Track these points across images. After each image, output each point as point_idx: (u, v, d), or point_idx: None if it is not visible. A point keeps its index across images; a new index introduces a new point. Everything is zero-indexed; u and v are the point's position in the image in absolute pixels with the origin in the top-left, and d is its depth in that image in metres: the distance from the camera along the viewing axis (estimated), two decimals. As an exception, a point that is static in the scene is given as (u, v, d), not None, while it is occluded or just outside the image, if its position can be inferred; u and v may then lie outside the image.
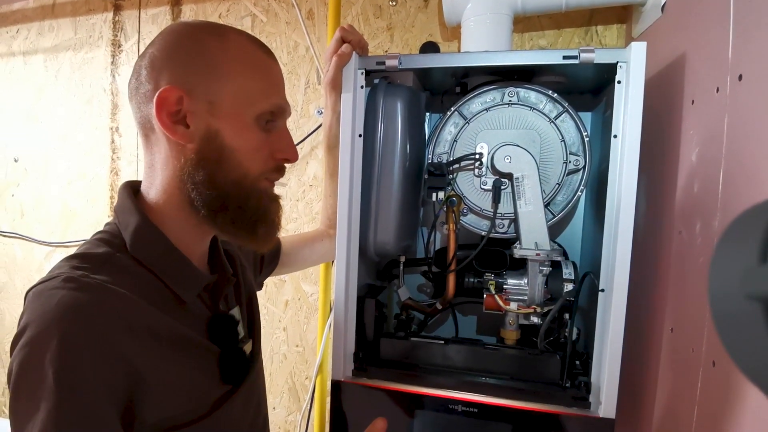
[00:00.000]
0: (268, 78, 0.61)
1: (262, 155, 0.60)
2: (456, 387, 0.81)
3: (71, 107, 1.59)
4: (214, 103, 0.56)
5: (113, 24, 1.51)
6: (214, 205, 0.58)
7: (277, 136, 0.62)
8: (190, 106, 0.56)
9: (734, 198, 0.59)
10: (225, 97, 0.57)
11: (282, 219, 0.66)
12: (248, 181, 0.59)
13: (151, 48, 0.59)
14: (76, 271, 0.51)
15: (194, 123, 0.56)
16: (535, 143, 0.84)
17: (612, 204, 0.75)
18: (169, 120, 0.56)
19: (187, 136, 0.56)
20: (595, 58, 0.75)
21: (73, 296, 0.48)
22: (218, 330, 0.62)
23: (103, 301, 0.49)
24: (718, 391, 0.59)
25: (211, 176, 0.57)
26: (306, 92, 1.32)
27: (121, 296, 0.51)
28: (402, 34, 1.23)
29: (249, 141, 0.59)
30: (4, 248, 1.72)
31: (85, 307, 0.48)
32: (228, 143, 0.57)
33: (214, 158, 0.57)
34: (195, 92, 0.56)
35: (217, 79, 0.57)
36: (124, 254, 0.57)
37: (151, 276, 0.57)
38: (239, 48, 0.59)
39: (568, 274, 0.84)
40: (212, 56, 0.57)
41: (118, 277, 0.53)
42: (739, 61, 0.59)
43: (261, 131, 0.60)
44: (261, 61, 0.61)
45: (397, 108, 0.85)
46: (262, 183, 0.62)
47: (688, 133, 0.72)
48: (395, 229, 0.87)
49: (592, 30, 1.09)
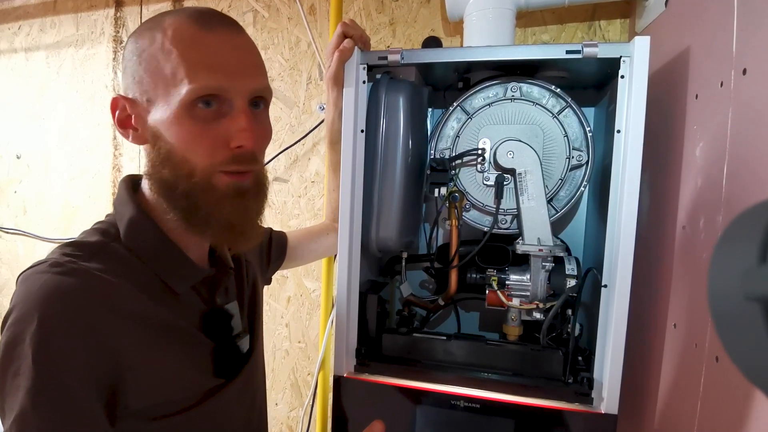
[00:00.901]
0: (196, 57, 0.53)
1: (204, 147, 0.54)
2: (458, 383, 0.81)
3: (73, 104, 1.59)
4: (150, 100, 0.55)
5: (115, 20, 1.51)
6: (178, 206, 0.56)
7: (226, 121, 0.54)
8: (134, 109, 0.56)
9: (738, 193, 0.58)
10: (156, 91, 0.54)
11: (259, 214, 0.61)
12: (198, 176, 0.55)
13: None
14: (65, 257, 0.52)
15: (140, 125, 0.56)
16: (537, 138, 0.84)
17: (615, 199, 0.75)
18: (120, 126, 0.57)
19: (139, 138, 0.57)
20: (598, 52, 0.74)
21: (57, 280, 0.48)
22: (212, 324, 0.61)
23: (87, 285, 0.50)
24: (721, 386, 0.59)
25: (163, 176, 0.56)
26: (308, 88, 1.32)
27: (108, 282, 0.51)
28: (404, 29, 1.23)
29: (182, 133, 0.53)
30: (6, 245, 1.72)
31: (68, 290, 0.48)
32: (167, 140, 0.54)
33: (162, 157, 0.55)
34: (138, 94, 0.56)
35: (149, 73, 0.54)
36: (118, 244, 0.56)
37: (143, 266, 0.56)
38: (172, 32, 0.53)
39: (570, 269, 0.84)
40: (145, 51, 0.55)
41: (109, 266, 0.53)
42: (744, 55, 0.59)
43: (195, 121, 0.53)
44: (191, 39, 0.53)
45: (400, 103, 0.84)
46: (216, 178, 0.55)
47: (692, 128, 0.72)
48: (397, 225, 0.87)
49: (595, 25, 1.09)
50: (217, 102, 0.54)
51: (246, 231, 0.59)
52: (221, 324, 0.63)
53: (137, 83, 0.55)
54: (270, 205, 1.37)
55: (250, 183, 0.59)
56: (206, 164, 0.54)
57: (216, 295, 0.65)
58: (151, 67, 0.54)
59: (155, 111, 0.54)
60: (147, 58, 0.54)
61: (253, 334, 0.72)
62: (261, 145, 0.60)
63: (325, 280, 1.29)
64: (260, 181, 0.61)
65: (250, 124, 0.55)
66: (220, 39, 0.54)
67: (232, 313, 0.66)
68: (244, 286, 0.74)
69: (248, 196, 0.58)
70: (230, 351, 0.64)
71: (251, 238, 0.61)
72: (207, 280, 0.64)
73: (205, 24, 0.54)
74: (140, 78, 0.55)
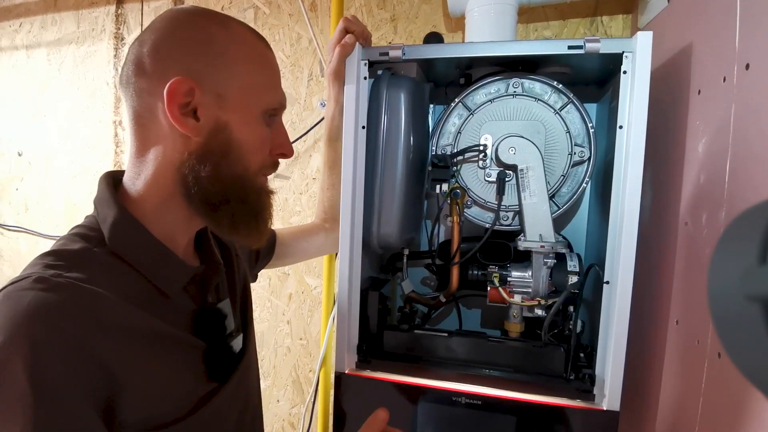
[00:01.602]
0: (272, 72, 0.62)
1: (264, 150, 0.61)
2: (459, 379, 0.81)
3: (74, 101, 1.59)
4: (223, 95, 0.56)
5: (116, 17, 1.51)
6: (215, 200, 0.57)
7: (276, 131, 0.63)
8: (200, 98, 0.54)
9: (741, 189, 0.58)
10: (233, 90, 0.56)
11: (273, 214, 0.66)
12: (249, 175, 0.60)
13: (151, 35, 0.56)
14: (48, 270, 0.49)
15: (204, 116, 0.55)
16: (539, 135, 0.84)
17: (617, 195, 0.74)
18: (179, 112, 0.54)
19: (197, 129, 0.55)
20: (600, 48, 0.74)
21: (43, 297, 0.46)
22: (204, 324, 0.60)
23: (74, 301, 0.47)
24: (723, 383, 0.59)
25: (215, 170, 0.56)
26: (309, 84, 1.32)
27: (95, 295, 0.49)
28: (406, 25, 1.22)
29: (255, 135, 0.59)
30: (8, 242, 1.73)
31: (56, 308, 0.46)
32: (235, 137, 0.57)
33: (219, 152, 0.56)
34: (204, 84, 0.54)
35: (225, 70, 0.56)
36: (101, 249, 0.54)
37: (131, 271, 0.55)
38: (243, 40, 0.58)
39: (572, 266, 0.83)
40: (219, 46, 0.56)
41: (94, 274, 0.51)
42: (746, 50, 0.59)
43: (265, 126, 0.60)
44: (264, 54, 0.61)
45: (401, 99, 0.84)
46: (260, 178, 0.62)
47: (695, 124, 0.72)
48: (399, 222, 0.86)
49: (597, 20, 1.08)
50: (276, 114, 0.62)
51: (268, 228, 0.65)
52: (214, 324, 0.62)
53: (202, 74, 0.55)
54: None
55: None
56: (258, 166, 0.61)
57: (207, 294, 0.63)
58: (227, 66, 0.56)
59: (229, 108, 0.56)
60: (230, 58, 0.56)
61: (246, 333, 0.71)
62: None
63: (326, 276, 1.29)
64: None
65: (288, 136, 0.66)
66: (275, 60, 0.63)
67: (225, 313, 0.64)
68: (236, 283, 0.72)
69: (271, 197, 0.65)
70: (223, 352, 0.62)
71: (267, 234, 0.66)
72: (197, 278, 0.62)
73: (266, 44, 0.62)
74: (206, 70, 0.55)
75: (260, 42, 0.61)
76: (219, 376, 0.61)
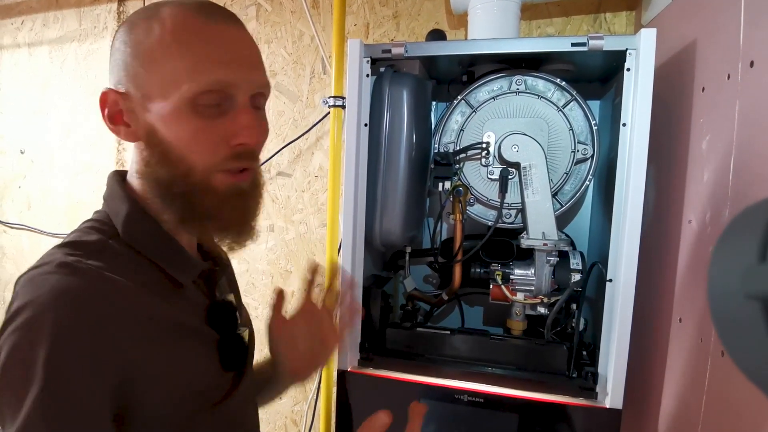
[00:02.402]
0: (200, 51, 0.51)
1: (206, 145, 0.52)
2: (462, 377, 0.81)
3: (76, 99, 1.59)
4: (147, 95, 0.52)
5: (118, 14, 1.51)
6: (170, 205, 0.55)
7: (230, 118, 0.53)
8: (126, 105, 0.53)
9: (745, 186, 0.58)
10: (153, 86, 0.51)
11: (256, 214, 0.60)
12: (196, 176, 0.53)
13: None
14: (70, 257, 0.49)
15: (133, 121, 0.54)
16: (542, 132, 0.83)
17: (620, 193, 0.74)
18: (110, 122, 0.54)
19: (133, 134, 0.54)
20: (604, 45, 0.74)
21: (68, 281, 0.46)
22: (218, 316, 0.60)
23: (97, 287, 0.48)
24: (726, 381, 0.59)
25: (158, 176, 0.54)
26: (311, 82, 1.31)
27: (117, 283, 0.49)
28: (408, 22, 1.22)
29: (183, 131, 0.51)
30: (11, 240, 1.73)
31: (80, 292, 0.46)
32: (164, 137, 0.52)
33: (157, 155, 0.53)
34: (131, 88, 0.53)
35: (146, 67, 0.52)
36: (116, 241, 0.55)
37: (145, 262, 0.55)
38: (173, 23, 0.51)
39: (575, 264, 0.83)
40: (141, 43, 0.52)
41: (112, 264, 0.51)
42: (751, 47, 0.58)
43: (198, 117, 0.51)
44: (195, 31, 0.51)
45: (403, 97, 0.84)
46: (216, 178, 0.54)
47: (699, 121, 0.71)
48: (401, 220, 0.86)
49: (600, 17, 1.08)
50: (219, 98, 0.52)
51: (243, 231, 0.58)
52: (227, 316, 0.62)
53: (131, 77, 0.53)
54: (274, 199, 1.37)
55: (248, 183, 0.57)
56: (206, 163, 0.53)
57: (215, 289, 0.64)
58: (148, 60, 0.52)
59: (152, 106, 0.52)
60: (144, 50, 0.52)
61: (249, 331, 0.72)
62: (262, 143, 0.58)
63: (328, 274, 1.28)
64: (257, 180, 0.60)
65: (253, 121, 0.53)
66: (223, 32, 0.52)
67: (235, 307, 0.65)
68: (234, 280, 0.73)
69: (247, 197, 0.57)
70: (238, 343, 0.63)
71: (247, 237, 0.59)
72: (203, 274, 0.62)
73: (207, 16, 0.52)
74: (135, 72, 0.53)
75: (197, 16, 0.52)
76: (234, 366, 0.61)
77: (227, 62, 0.52)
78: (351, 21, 1.26)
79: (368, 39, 1.26)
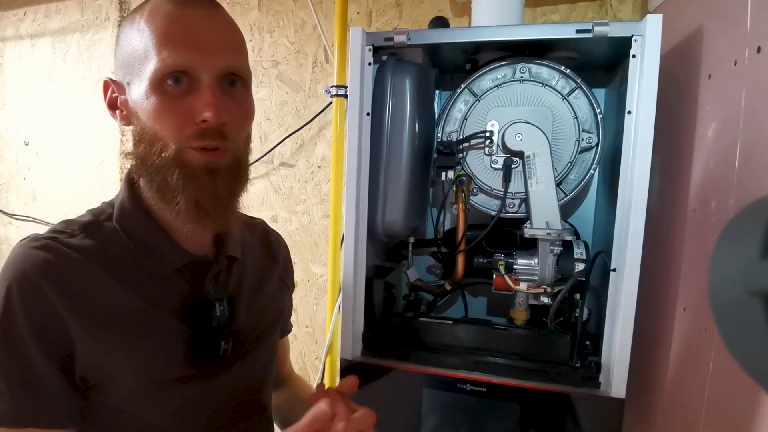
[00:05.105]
0: (166, 33, 0.54)
1: (172, 121, 0.54)
2: (465, 367, 0.81)
3: (80, 90, 1.59)
4: (129, 80, 0.57)
5: (120, 5, 1.50)
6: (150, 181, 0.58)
7: (193, 97, 0.54)
8: (119, 91, 0.59)
9: (751, 175, 0.57)
10: (132, 71, 0.56)
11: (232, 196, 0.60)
12: (170, 152, 0.55)
13: None
14: (50, 233, 0.56)
15: (124, 106, 0.58)
16: (547, 120, 0.83)
17: (625, 182, 0.74)
18: (109, 108, 0.60)
19: (124, 120, 0.59)
20: (609, 31, 0.73)
21: (29, 253, 0.53)
22: (192, 311, 0.60)
23: (52, 261, 0.53)
24: (730, 371, 0.58)
25: (139, 154, 0.58)
26: (314, 71, 1.31)
27: (73, 261, 0.54)
28: (411, 9, 1.21)
29: (153, 109, 0.54)
30: (17, 231, 1.74)
31: (34, 264, 0.53)
32: (140, 117, 0.56)
33: (137, 135, 0.58)
34: (120, 75, 0.58)
35: (128, 54, 0.57)
36: (109, 222, 0.60)
37: (128, 245, 0.59)
38: (148, 11, 0.55)
39: (579, 253, 0.83)
40: (125, 32, 0.57)
41: (93, 241, 0.57)
42: (758, 33, 0.57)
43: (164, 96, 0.54)
44: (164, 15, 0.54)
45: (406, 85, 0.83)
46: (188, 153, 0.55)
47: (705, 109, 0.71)
48: (404, 209, 0.86)
49: (606, 3, 1.06)
50: (186, 79, 0.54)
51: (213, 211, 0.58)
52: (198, 312, 0.60)
53: (121, 65, 0.58)
54: (277, 190, 1.37)
55: (225, 162, 0.57)
56: (175, 139, 0.55)
57: (204, 282, 0.62)
58: (129, 48, 0.56)
59: (131, 89, 0.56)
60: (125, 38, 0.57)
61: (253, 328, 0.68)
62: (235, 123, 0.58)
63: (331, 265, 1.29)
64: (238, 162, 0.59)
65: (214, 99, 0.54)
66: (192, 16, 0.55)
67: (213, 302, 0.61)
68: (246, 279, 0.69)
69: (220, 174, 0.57)
70: (208, 343, 0.61)
71: (220, 219, 0.59)
72: (198, 265, 0.62)
73: (179, 1, 0.55)
74: (123, 60, 0.57)
75: (171, 2, 0.55)
76: (198, 363, 0.60)
77: (190, 44, 0.54)
78: (354, 9, 1.25)
79: (371, 27, 1.25)
